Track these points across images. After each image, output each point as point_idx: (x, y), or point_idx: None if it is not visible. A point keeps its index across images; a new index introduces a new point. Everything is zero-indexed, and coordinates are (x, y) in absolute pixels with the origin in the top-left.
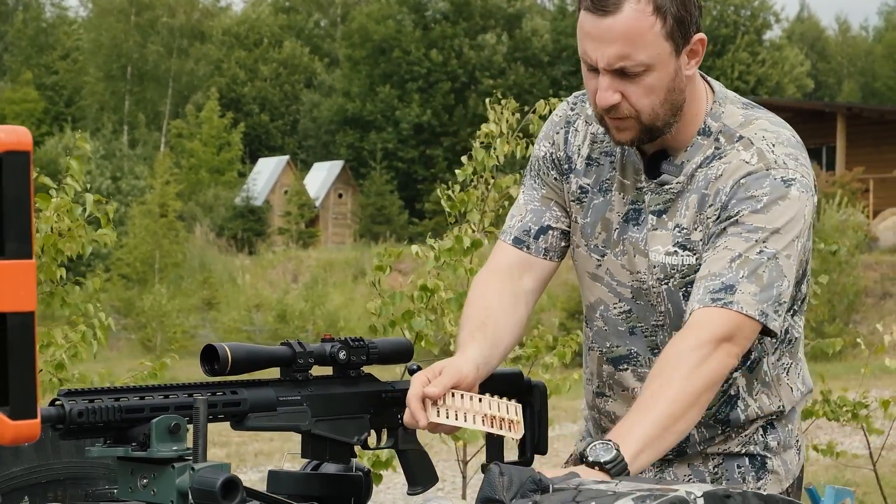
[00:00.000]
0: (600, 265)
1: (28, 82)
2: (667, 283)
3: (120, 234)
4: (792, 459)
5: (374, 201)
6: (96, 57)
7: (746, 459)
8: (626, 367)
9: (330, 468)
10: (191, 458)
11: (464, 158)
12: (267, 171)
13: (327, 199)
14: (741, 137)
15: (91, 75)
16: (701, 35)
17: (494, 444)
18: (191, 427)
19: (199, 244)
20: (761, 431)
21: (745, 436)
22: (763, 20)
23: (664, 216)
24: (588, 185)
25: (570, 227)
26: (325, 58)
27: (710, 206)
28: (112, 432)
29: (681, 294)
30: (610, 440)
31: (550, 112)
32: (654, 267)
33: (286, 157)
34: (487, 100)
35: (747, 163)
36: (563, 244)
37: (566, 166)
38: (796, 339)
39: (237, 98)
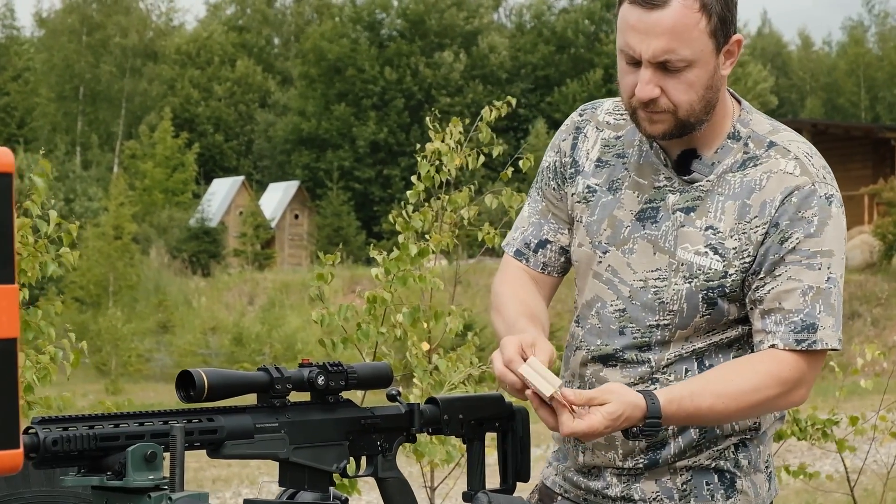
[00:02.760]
0: (601, 262)
1: None
2: (689, 283)
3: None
4: (762, 484)
5: (330, 222)
6: (48, 77)
7: (716, 476)
8: (613, 364)
9: (307, 497)
10: (167, 487)
11: (414, 178)
12: (222, 192)
13: (283, 219)
14: (773, 144)
15: (43, 96)
16: (738, 36)
17: (476, 471)
18: (167, 455)
19: (153, 266)
20: (733, 448)
21: (717, 450)
22: None
23: (692, 214)
24: (597, 184)
25: (568, 242)
26: (279, 76)
27: (755, 218)
28: (87, 461)
29: (700, 296)
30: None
31: (497, 118)
32: (682, 265)
33: (241, 178)
34: (427, 119)
35: (790, 174)
36: (561, 260)
37: (572, 170)
38: None
39: (191, 118)
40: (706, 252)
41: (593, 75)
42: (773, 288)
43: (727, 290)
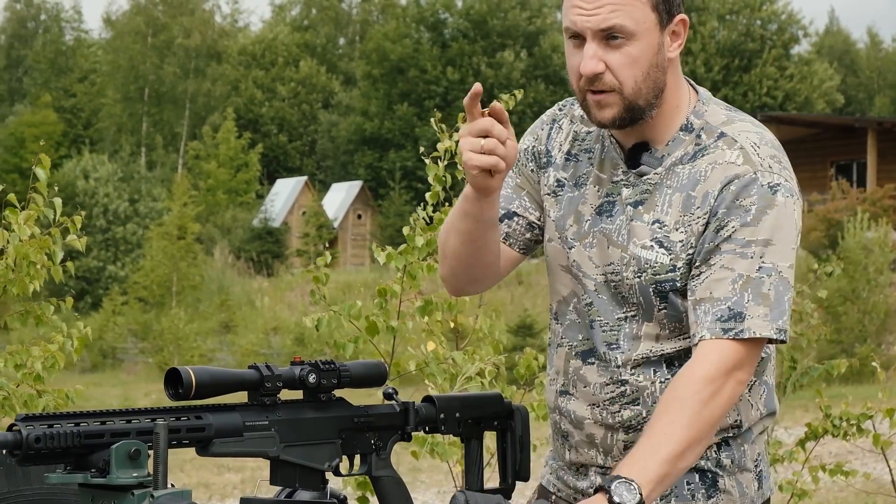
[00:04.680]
0: (569, 257)
1: (47, 105)
2: (639, 277)
3: (137, 257)
4: (749, 483)
5: (393, 222)
6: (114, 79)
7: (696, 475)
8: (592, 361)
9: (305, 495)
10: (151, 484)
11: (430, 179)
12: (285, 193)
13: (346, 219)
14: (723, 135)
15: (109, 97)
16: (683, 16)
17: (473, 470)
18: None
19: (217, 266)
20: (714, 448)
21: None
22: (791, 34)
23: (640, 208)
24: (565, 178)
25: (539, 220)
26: (343, 76)
27: (697, 208)
28: (72, 458)
29: (650, 290)
30: (633, 481)
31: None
32: (632, 259)
33: (304, 178)
34: (432, 120)
35: (733, 163)
36: (526, 236)
37: (545, 160)
38: (763, 358)
39: (254, 118)
40: (652, 246)
41: None
42: (706, 277)
43: (678, 284)
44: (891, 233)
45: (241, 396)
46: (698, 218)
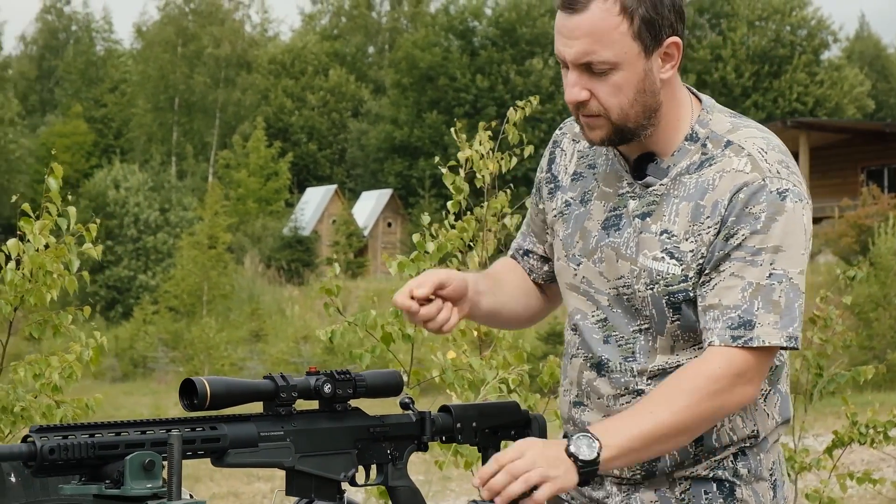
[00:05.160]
0: (576, 274)
1: (78, 115)
2: (651, 290)
3: (168, 266)
4: (765, 492)
5: (423, 230)
6: (144, 89)
7: (714, 485)
8: (604, 374)
9: None
10: (165, 496)
11: (451, 187)
12: (315, 201)
13: (376, 227)
14: (730, 143)
15: (139, 107)
16: (675, 38)
17: None
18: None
19: (247, 275)
20: (731, 458)
21: (715, 460)
22: (821, 40)
23: (648, 219)
24: (572, 198)
25: (547, 250)
26: (372, 85)
27: (707, 218)
28: (86, 469)
29: (663, 302)
30: (597, 439)
31: (524, 117)
32: (643, 272)
33: (334, 187)
34: (452, 130)
35: (741, 171)
36: (544, 268)
37: (552, 185)
38: (776, 366)
39: (284, 127)
40: (663, 257)
41: (686, 80)
42: (715, 284)
43: (690, 295)
44: None
45: (257, 407)
46: (708, 227)
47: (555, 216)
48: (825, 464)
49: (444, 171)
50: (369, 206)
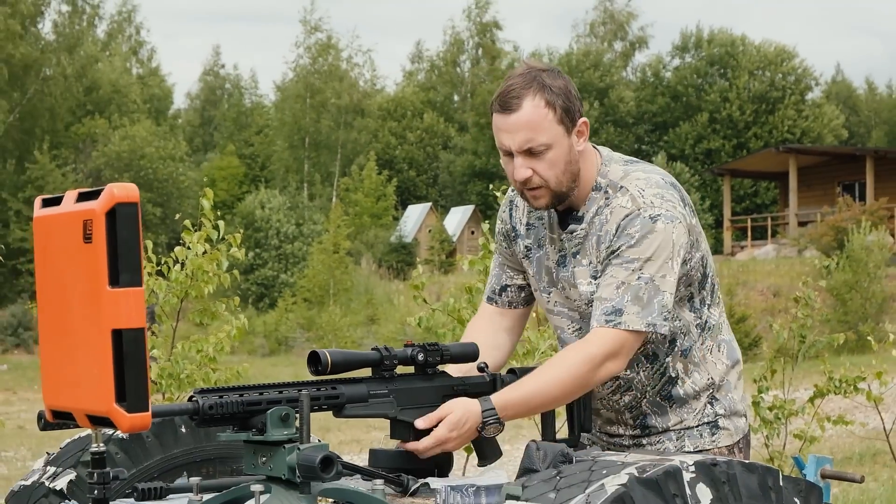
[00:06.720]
0: (549, 300)
1: (231, 153)
2: (590, 307)
3: (302, 267)
4: (739, 421)
5: None
6: (282, 132)
7: (705, 426)
8: None
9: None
10: (298, 440)
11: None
12: (415, 215)
13: (462, 235)
14: (622, 187)
15: (278, 146)
16: (584, 119)
17: (548, 424)
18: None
19: (363, 274)
20: (709, 406)
21: (697, 411)
22: (806, 84)
23: (578, 256)
24: (530, 244)
25: (524, 279)
26: (457, 124)
27: (603, 245)
28: (237, 421)
29: None
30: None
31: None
32: (583, 296)
33: (429, 204)
34: (498, 192)
35: (624, 207)
36: (522, 294)
37: (513, 234)
38: (714, 325)
39: (390, 159)
40: (590, 281)
41: (700, 118)
42: (599, 283)
43: None
44: (887, 237)
45: (367, 372)
46: (603, 251)
47: (521, 258)
48: (809, 411)
49: (498, 193)
50: (457, 219)
